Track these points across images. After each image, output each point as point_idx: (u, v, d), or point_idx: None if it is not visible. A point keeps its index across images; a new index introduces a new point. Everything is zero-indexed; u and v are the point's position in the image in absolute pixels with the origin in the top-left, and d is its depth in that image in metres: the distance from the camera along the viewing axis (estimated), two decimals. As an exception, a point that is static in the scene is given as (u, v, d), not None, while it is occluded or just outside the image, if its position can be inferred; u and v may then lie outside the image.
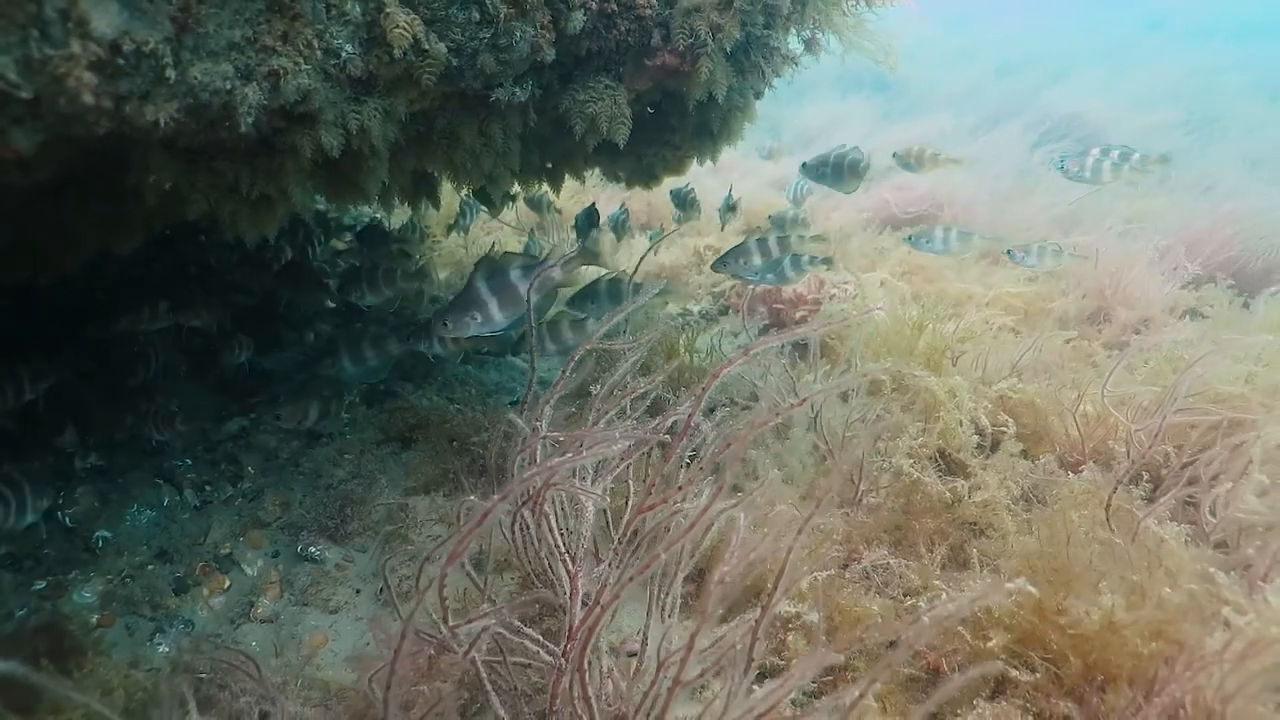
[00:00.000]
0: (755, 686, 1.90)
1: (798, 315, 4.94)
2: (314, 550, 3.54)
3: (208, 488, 3.91)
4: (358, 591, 3.37)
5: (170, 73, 2.17)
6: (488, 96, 2.94)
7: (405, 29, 2.51)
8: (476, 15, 2.64)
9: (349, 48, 2.49)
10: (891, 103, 12.77)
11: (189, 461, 4.04)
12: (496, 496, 1.73)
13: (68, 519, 3.62)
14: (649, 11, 2.97)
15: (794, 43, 3.49)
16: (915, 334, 4.23)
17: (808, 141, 10.37)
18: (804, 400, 2.03)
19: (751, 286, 5.16)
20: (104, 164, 2.64)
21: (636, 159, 4.17)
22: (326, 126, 2.57)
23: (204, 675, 2.65)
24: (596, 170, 4.59)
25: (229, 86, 2.28)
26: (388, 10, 2.47)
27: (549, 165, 3.99)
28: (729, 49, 3.11)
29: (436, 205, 4.16)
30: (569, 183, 4.68)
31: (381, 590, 3.32)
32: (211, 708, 2.38)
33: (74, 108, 2.09)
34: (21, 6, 1.92)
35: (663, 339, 4.48)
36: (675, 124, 3.81)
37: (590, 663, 2.31)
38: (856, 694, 1.56)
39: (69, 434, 3.98)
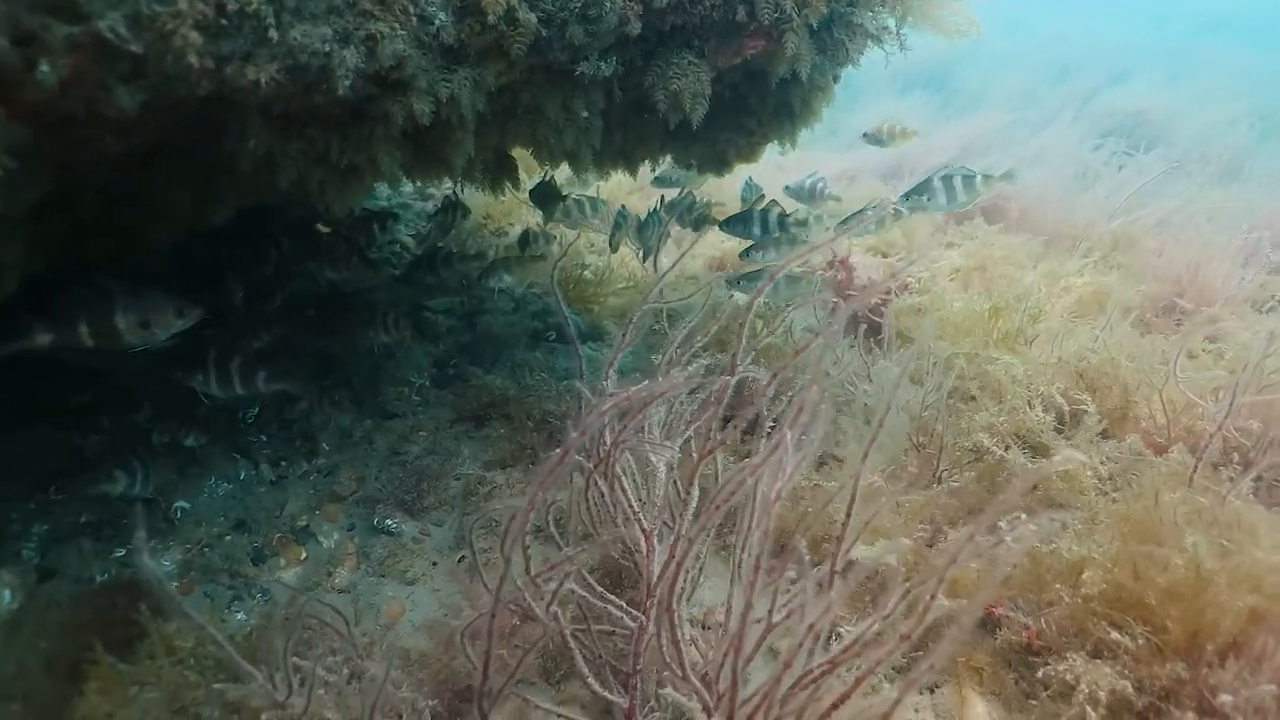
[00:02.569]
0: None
1: (872, 302, 4.88)
2: (390, 523, 3.56)
3: (283, 463, 3.96)
4: (435, 564, 3.39)
5: (272, 33, 2.20)
6: (572, 70, 2.95)
7: (499, -3, 2.52)
8: (568, -16, 2.65)
9: (442, 15, 2.51)
10: (948, 102, 12.59)
11: (264, 438, 4.09)
12: (573, 434, 1.73)
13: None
14: (733, -14, 2.95)
15: (878, 23, 3.43)
16: (991, 319, 4.17)
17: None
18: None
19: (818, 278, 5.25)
20: (196, 132, 2.68)
21: (710, 144, 4.13)
22: (418, 94, 2.59)
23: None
24: (669, 157, 4.58)
25: (328, 49, 2.30)
26: (482, -22, 2.49)
27: (626, 148, 3.98)
28: (814, 25, 3.09)
29: (516, 185, 4.16)
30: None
31: (461, 559, 3.33)
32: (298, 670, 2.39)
33: (178, 67, 2.12)
34: (133, -36, 1.96)
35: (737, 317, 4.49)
36: (754, 105, 3.77)
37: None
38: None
39: (145, 409, 4.05)
